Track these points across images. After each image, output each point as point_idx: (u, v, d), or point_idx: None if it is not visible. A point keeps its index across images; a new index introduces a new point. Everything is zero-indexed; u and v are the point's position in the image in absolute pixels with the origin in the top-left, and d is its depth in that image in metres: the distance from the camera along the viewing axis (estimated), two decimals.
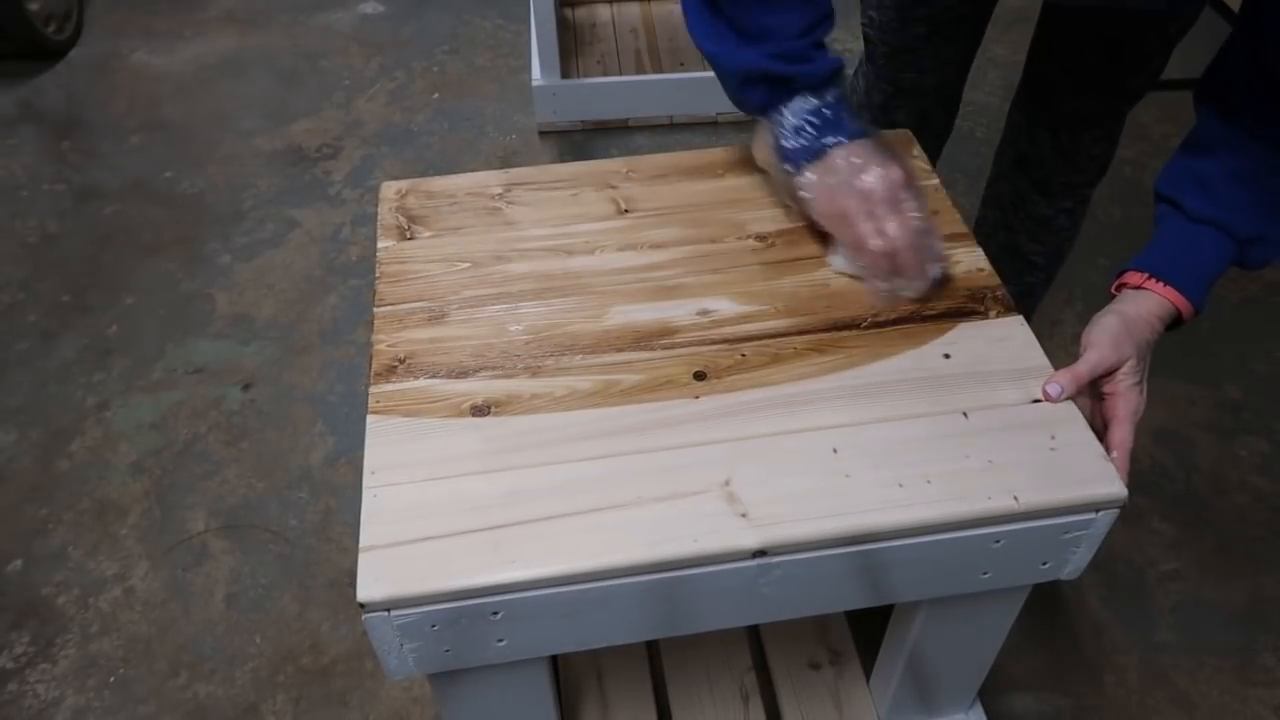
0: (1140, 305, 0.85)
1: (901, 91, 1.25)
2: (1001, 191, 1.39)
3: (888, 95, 1.27)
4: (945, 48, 1.21)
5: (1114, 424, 0.81)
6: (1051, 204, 1.33)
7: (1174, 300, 0.85)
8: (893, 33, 1.20)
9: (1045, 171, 1.31)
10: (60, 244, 2.02)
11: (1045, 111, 1.27)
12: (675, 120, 2.30)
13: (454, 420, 0.81)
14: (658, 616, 0.77)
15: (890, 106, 1.27)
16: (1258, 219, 0.84)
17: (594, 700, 1.13)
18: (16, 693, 1.32)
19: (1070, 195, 1.32)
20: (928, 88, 1.24)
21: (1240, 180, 0.84)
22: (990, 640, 1.00)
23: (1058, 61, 1.22)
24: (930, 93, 1.25)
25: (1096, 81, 1.19)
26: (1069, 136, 1.26)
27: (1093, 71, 1.18)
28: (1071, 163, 1.28)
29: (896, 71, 1.24)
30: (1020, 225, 1.37)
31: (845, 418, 0.81)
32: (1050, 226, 1.36)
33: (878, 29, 1.22)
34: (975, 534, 0.76)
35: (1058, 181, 1.31)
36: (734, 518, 0.73)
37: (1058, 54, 1.21)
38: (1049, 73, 1.24)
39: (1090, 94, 1.21)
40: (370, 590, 0.70)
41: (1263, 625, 1.37)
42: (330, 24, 2.67)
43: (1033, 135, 1.30)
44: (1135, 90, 1.19)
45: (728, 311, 0.90)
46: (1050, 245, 1.39)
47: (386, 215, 1.01)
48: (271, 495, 1.55)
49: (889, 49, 1.23)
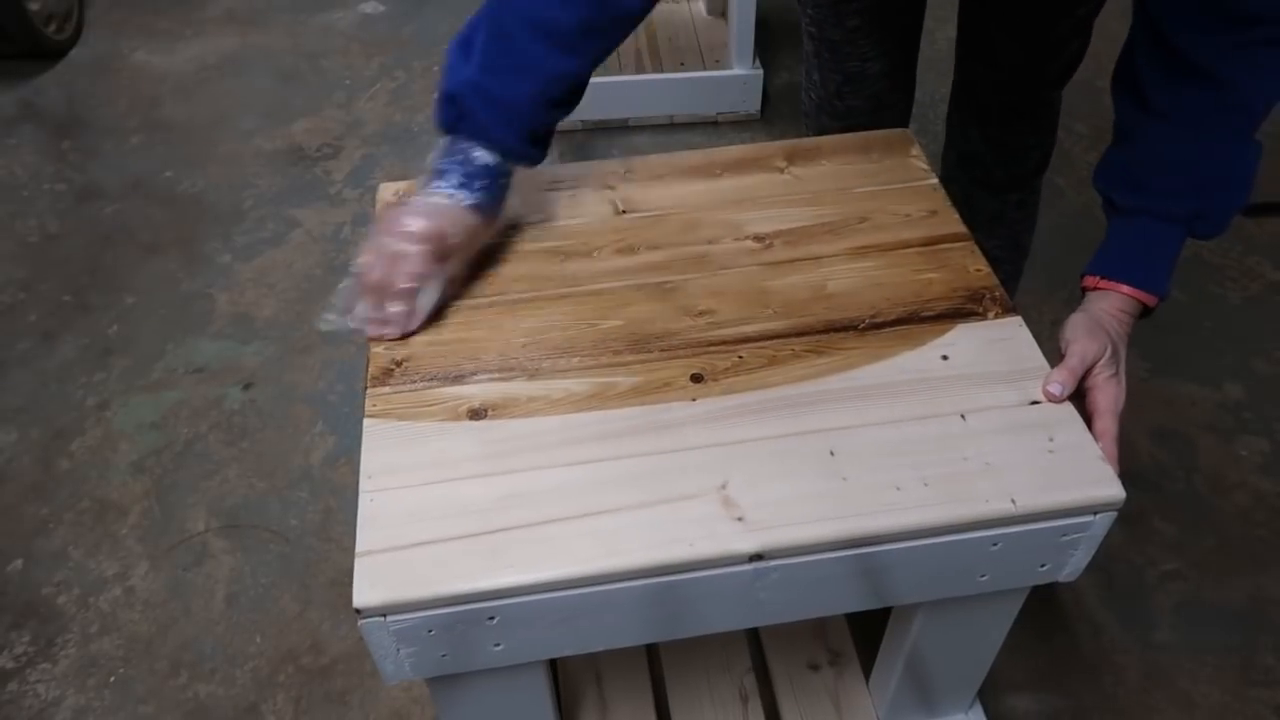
0: (1104, 303, 0.87)
1: (850, 79, 1.27)
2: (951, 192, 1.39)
3: (839, 84, 1.28)
4: (884, 35, 1.22)
5: (1096, 417, 0.82)
6: (998, 198, 1.34)
7: (1133, 295, 0.87)
8: (830, 27, 1.21)
9: (985, 166, 1.32)
10: (60, 244, 2.02)
11: (974, 107, 1.29)
12: (675, 120, 2.30)
13: (451, 424, 0.81)
14: (655, 621, 0.77)
15: (843, 93, 1.28)
16: (1190, 198, 0.86)
17: (593, 702, 1.13)
18: (17, 692, 1.32)
19: (1015, 188, 1.33)
20: (875, 73, 1.25)
21: (1164, 164, 0.85)
22: (989, 641, 1.00)
23: (977, 57, 1.24)
24: (879, 78, 1.26)
25: (1015, 73, 1.20)
26: (1000, 129, 1.28)
27: (1010, 63, 1.20)
28: (1009, 155, 1.30)
29: (841, 62, 1.25)
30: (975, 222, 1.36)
31: (843, 420, 0.81)
32: (1002, 219, 1.37)
33: (816, 25, 1.24)
34: (973, 537, 0.76)
35: (999, 175, 1.32)
36: (731, 521, 0.73)
37: (976, 49, 1.23)
38: (972, 69, 1.26)
39: (1012, 86, 1.22)
40: (366, 596, 0.70)
41: (1263, 625, 1.36)
42: (331, 24, 2.67)
43: (967, 133, 1.32)
44: (1055, 77, 1.20)
45: (725, 313, 0.90)
46: (1006, 238, 1.39)
47: None
48: (272, 495, 1.55)
49: (830, 42, 1.24)
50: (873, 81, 1.26)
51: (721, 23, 2.42)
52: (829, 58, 1.26)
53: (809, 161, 1.07)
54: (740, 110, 2.29)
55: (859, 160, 1.07)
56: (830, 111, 1.33)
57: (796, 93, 2.38)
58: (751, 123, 2.30)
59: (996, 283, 0.93)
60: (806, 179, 1.05)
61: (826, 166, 1.06)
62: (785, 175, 1.05)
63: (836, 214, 1.00)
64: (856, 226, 0.99)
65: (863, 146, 1.09)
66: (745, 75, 2.24)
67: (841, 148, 1.09)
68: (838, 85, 1.28)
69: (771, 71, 2.39)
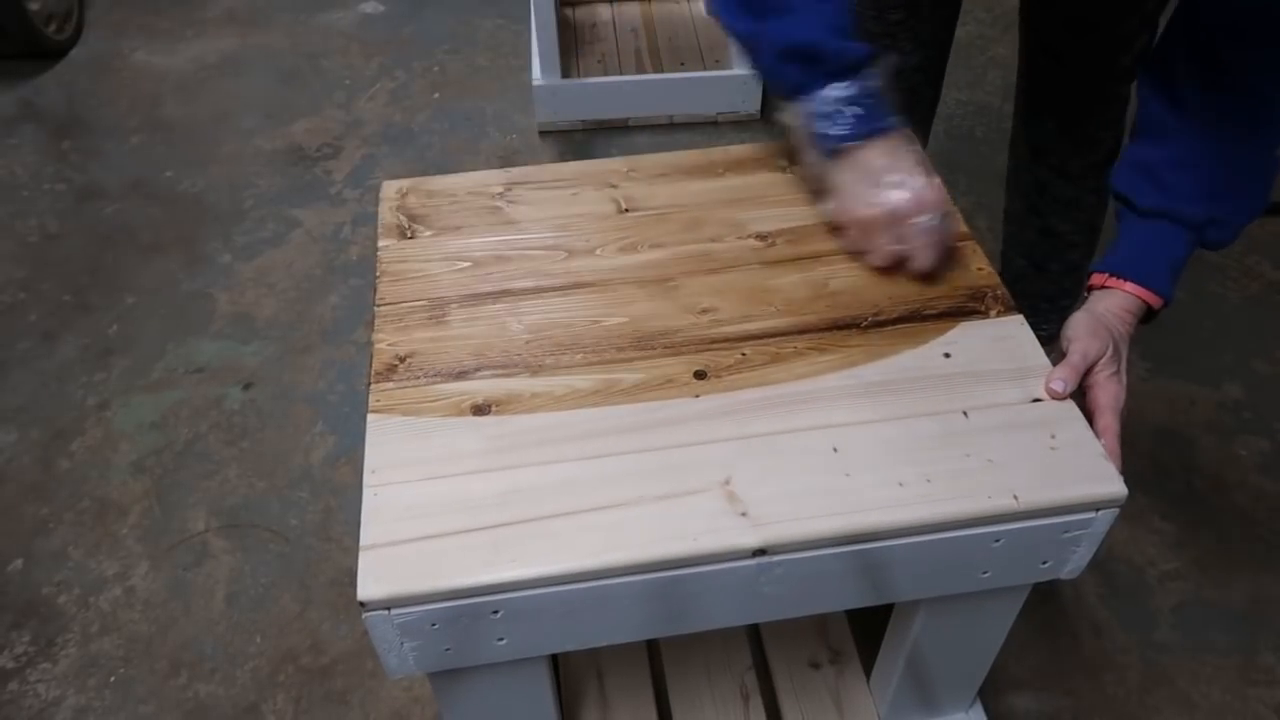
0: (1108, 302, 0.88)
1: None
2: (1024, 181, 1.41)
3: None
4: (923, 28, 1.22)
5: (1098, 414, 0.83)
6: (1075, 185, 1.35)
7: (1139, 295, 0.87)
8: (870, 20, 1.21)
9: (1061, 157, 1.32)
10: (61, 244, 2.02)
11: (1045, 101, 1.29)
12: (675, 120, 2.30)
13: (454, 419, 0.81)
14: (658, 615, 0.77)
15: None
16: (1207, 203, 0.86)
17: (594, 699, 1.13)
18: (17, 692, 1.32)
19: (1092, 175, 1.33)
20: (911, 67, 1.26)
21: (1185, 166, 0.85)
22: (990, 639, 1.00)
23: (1046, 51, 1.24)
24: (914, 71, 1.27)
25: (1086, 67, 1.21)
26: (1074, 122, 1.28)
27: (1080, 57, 1.20)
28: (1084, 145, 1.30)
29: None
30: (1049, 209, 1.39)
31: (845, 417, 0.81)
32: (1080, 204, 1.37)
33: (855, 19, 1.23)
34: (975, 533, 0.76)
35: (1074, 165, 1.32)
36: (734, 517, 0.73)
37: (1044, 43, 1.23)
38: (1041, 63, 1.26)
39: (1083, 80, 1.22)
40: (370, 589, 0.70)
41: (1263, 625, 1.37)
42: (331, 24, 2.67)
43: (1040, 125, 1.32)
44: (1125, 70, 1.20)
45: (728, 311, 0.90)
46: (1082, 223, 1.40)
47: (387, 214, 1.02)
48: (272, 495, 1.55)
49: (869, 36, 1.22)
50: (909, 75, 1.26)
51: None
52: None
53: None
54: (740, 110, 2.30)
55: None
56: None
57: None
58: (751, 123, 2.31)
59: (999, 281, 0.93)
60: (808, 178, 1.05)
61: None
62: (787, 174, 1.05)
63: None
64: None
65: None
66: (745, 75, 2.25)
67: None
68: None
69: None
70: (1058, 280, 1.47)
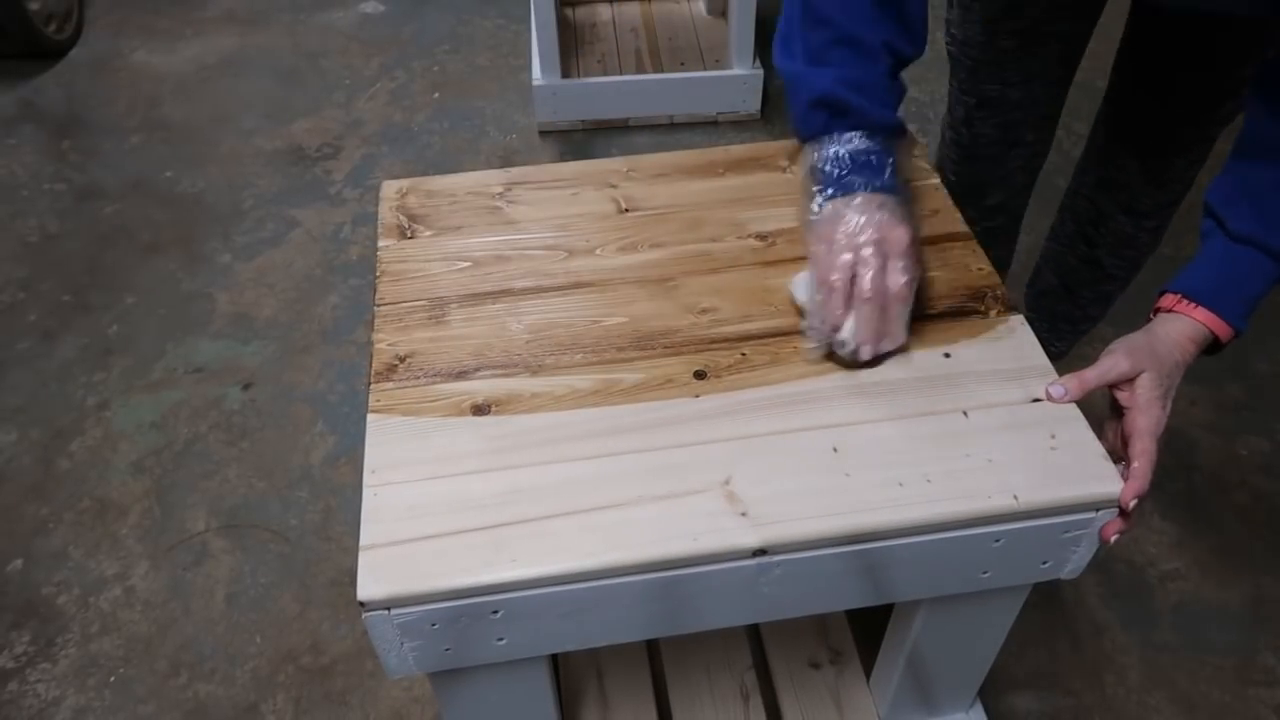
0: (1171, 327, 0.82)
1: (985, 103, 1.22)
2: (1081, 207, 1.35)
3: (969, 108, 1.24)
4: (1033, 62, 1.17)
5: (1134, 437, 0.79)
6: (1137, 223, 1.30)
7: (1208, 323, 0.81)
8: (977, 46, 1.18)
9: (1131, 194, 1.26)
10: (60, 244, 2.02)
11: (1132, 136, 1.22)
12: (675, 120, 2.30)
13: (454, 419, 0.81)
14: (658, 615, 0.77)
15: (972, 119, 1.24)
16: None
17: (594, 699, 1.13)
18: (17, 692, 1.32)
19: (1157, 214, 1.28)
20: (1013, 101, 1.21)
21: None
22: (990, 639, 1.00)
23: (1147, 89, 1.16)
24: (1015, 107, 1.22)
25: (1189, 108, 1.13)
26: (1158, 162, 1.21)
27: (1185, 97, 1.12)
28: (1160, 186, 1.24)
29: (980, 84, 1.21)
30: (1102, 240, 1.34)
31: (845, 417, 0.81)
32: (1134, 243, 1.33)
33: (960, 44, 1.20)
34: (975, 533, 0.76)
35: (1145, 203, 1.27)
36: (734, 516, 0.73)
37: (1146, 81, 1.16)
38: (1138, 100, 1.19)
39: (1181, 121, 1.15)
40: (370, 589, 0.70)
41: (1263, 625, 1.37)
42: (331, 23, 2.67)
43: (1119, 161, 1.25)
44: (1228, 114, 1.13)
45: (728, 311, 0.90)
46: (1130, 259, 1.36)
47: (387, 214, 1.02)
48: (272, 495, 1.55)
49: (973, 62, 1.20)
50: (1008, 110, 1.21)
51: (721, 23, 2.42)
52: (966, 78, 1.22)
53: None
54: (740, 110, 2.30)
55: None
56: (954, 140, 1.29)
57: None
58: (751, 123, 2.31)
59: (998, 281, 0.93)
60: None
61: None
62: (787, 174, 1.05)
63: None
64: None
65: None
66: (745, 75, 2.25)
67: None
68: (968, 110, 1.24)
69: (771, 71, 2.39)
70: (1085, 306, 1.43)
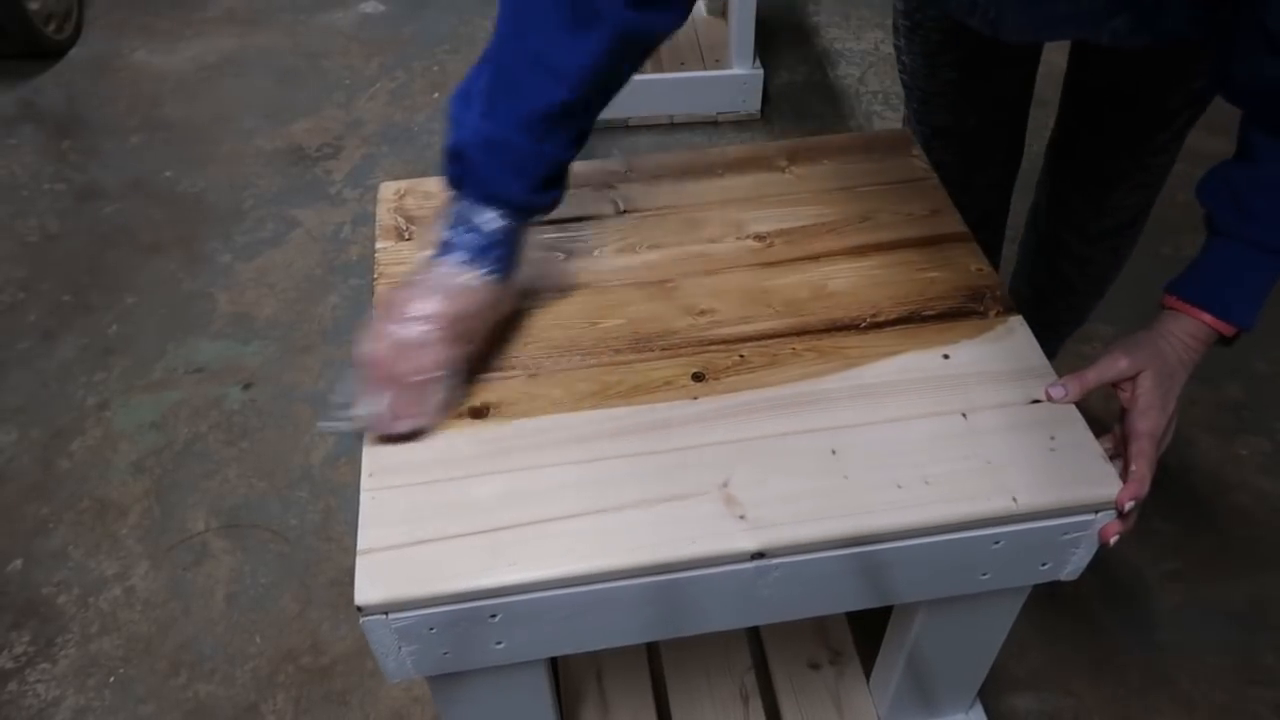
0: (1173, 325, 0.82)
1: (940, 133, 1.23)
2: (1040, 223, 1.35)
3: (926, 136, 1.24)
4: (979, 93, 1.17)
5: (1133, 438, 0.79)
6: (1090, 246, 1.29)
7: (1207, 321, 0.81)
8: (923, 77, 1.18)
9: (1081, 219, 1.26)
10: (60, 244, 2.02)
11: (1074, 165, 1.23)
12: (675, 120, 2.30)
13: (452, 422, 0.81)
14: (656, 618, 0.77)
15: (931, 147, 1.23)
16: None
17: (594, 701, 1.13)
18: (16, 692, 1.32)
19: (1109, 238, 1.27)
20: (969, 129, 1.21)
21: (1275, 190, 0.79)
22: (990, 640, 1.00)
23: (1083, 119, 1.17)
24: (972, 134, 1.22)
25: (1122, 139, 1.14)
26: (1098, 189, 1.21)
27: (1118, 130, 1.13)
28: (1103, 212, 1.24)
29: (931, 114, 1.22)
30: (1062, 257, 1.34)
31: (844, 419, 0.81)
32: (1092, 261, 1.32)
33: (909, 73, 1.21)
34: (974, 535, 0.76)
35: (1093, 228, 1.26)
36: (733, 519, 0.73)
37: (1083, 111, 1.17)
38: (1075, 129, 1.20)
39: (1117, 151, 1.16)
40: (368, 593, 0.70)
41: (1263, 625, 1.36)
42: (331, 23, 2.67)
43: (1065, 186, 1.26)
44: (1163, 144, 1.12)
45: (726, 312, 0.90)
46: (1093, 275, 1.35)
47: (385, 216, 1.01)
48: (272, 495, 1.55)
49: (922, 93, 1.20)
50: (964, 138, 1.21)
51: (721, 23, 2.42)
52: (919, 108, 1.22)
53: (810, 161, 1.07)
54: (740, 110, 2.29)
55: (860, 160, 1.07)
56: None
57: (796, 93, 2.40)
58: (751, 123, 2.31)
59: (998, 281, 0.93)
60: (808, 178, 1.05)
61: (828, 166, 1.06)
62: (786, 174, 1.05)
63: (837, 213, 1.00)
64: (858, 226, 0.99)
65: (864, 146, 1.09)
66: (745, 75, 2.24)
67: (843, 147, 1.09)
68: (925, 139, 1.24)
69: (771, 71, 2.39)
70: (1060, 313, 1.42)
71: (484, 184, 0.79)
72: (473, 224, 0.79)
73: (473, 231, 0.78)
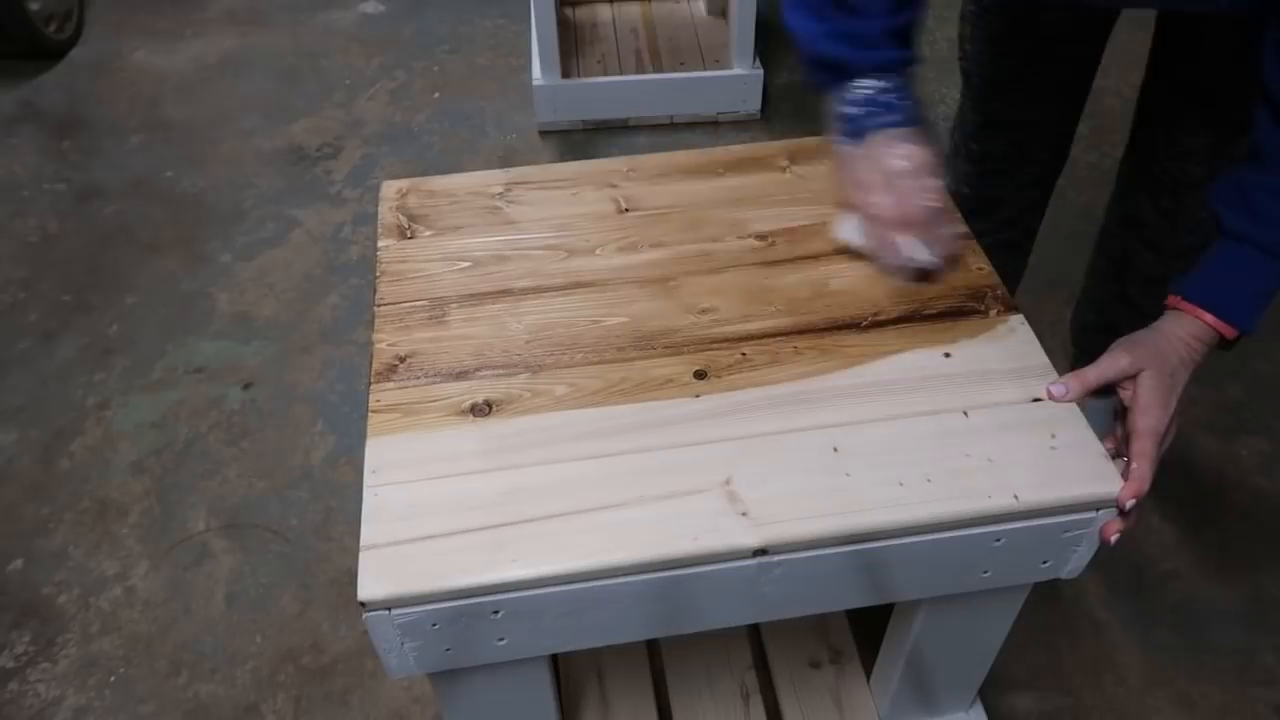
0: (1175, 325, 0.83)
1: (993, 121, 1.23)
2: (1110, 245, 1.35)
3: (978, 125, 1.25)
4: (1040, 83, 1.18)
5: (1134, 437, 0.79)
6: (1164, 262, 1.26)
7: (1208, 322, 0.82)
8: (985, 64, 1.19)
9: (1153, 231, 1.24)
10: (61, 243, 2.02)
11: (1148, 177, 1.21)
12: (675, 120, 2.30)
13: (455, 419, 0.81)
14: (658, 615, 0.77)
15: (982, 136, 1.25)
16: None
17: (594, 699, 1.13)
18: (17, 692, 1.32)
19: (1185, 256, 1.23)
20: (1021, 120, 1.21)
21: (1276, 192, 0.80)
22: (991, 639, 1.00)
23: (1159, 126, 1.16)
24: (1024, 126, 1.22)
25: (1201, 149, 1.12)
26: (1171, 200, 1.20)
27: (1197, 139, 1.12)
28: (1175, 225, 1.21)
29: (988, 101, 1.22)
30: (1131, 279, 1.32)
31: (846, 417, 0.81)
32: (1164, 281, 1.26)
33: (970, 60, 1.21)
34: (975, 532, 0.76)
35: (1168, 243, 1.24)
36: (735, 516, 0.73)
37: (1160, 119, 1.15)
38: (1151, 138, 1.18)
39: (1194, 161, 1.14)
40: (371, 589, 0.70)
41: (1263, 625, 1.37)
42: (331, 23, 2.67)
43: (1136, 197, 1.25)
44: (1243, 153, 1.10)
45: (728, 311, 0.90)
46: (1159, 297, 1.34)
47: (387, 214, 1.02)
48: (272, 494, 1.55)
49: (981, 80, 1.21)
50: (1017, 129, 1.22)
51: (721, 23, 2.42)
52: (976, 96, 1.23)
53: (811, 160, 1.07)
54: (740, 110, 2.30)
55: None
56: (965, 155, 1.29)
57: (796, 93, 2.40)
58: (751, 123, 2.31)
59: (998, 281, 0.93)
60: (809, 178, 1.05)
61: (828, 166, 1.06)
62: (787, 174, 1.06)
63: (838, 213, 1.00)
64: None
65: None
66: (745, 75, 2.25)
67: None
68: (976, 128, 1.24)
69: (771, 71, 2.39)
70: None
71: (867, 62, 0.87)
72: (870, 100, 0.88)
73: (874, 105, 0.88)
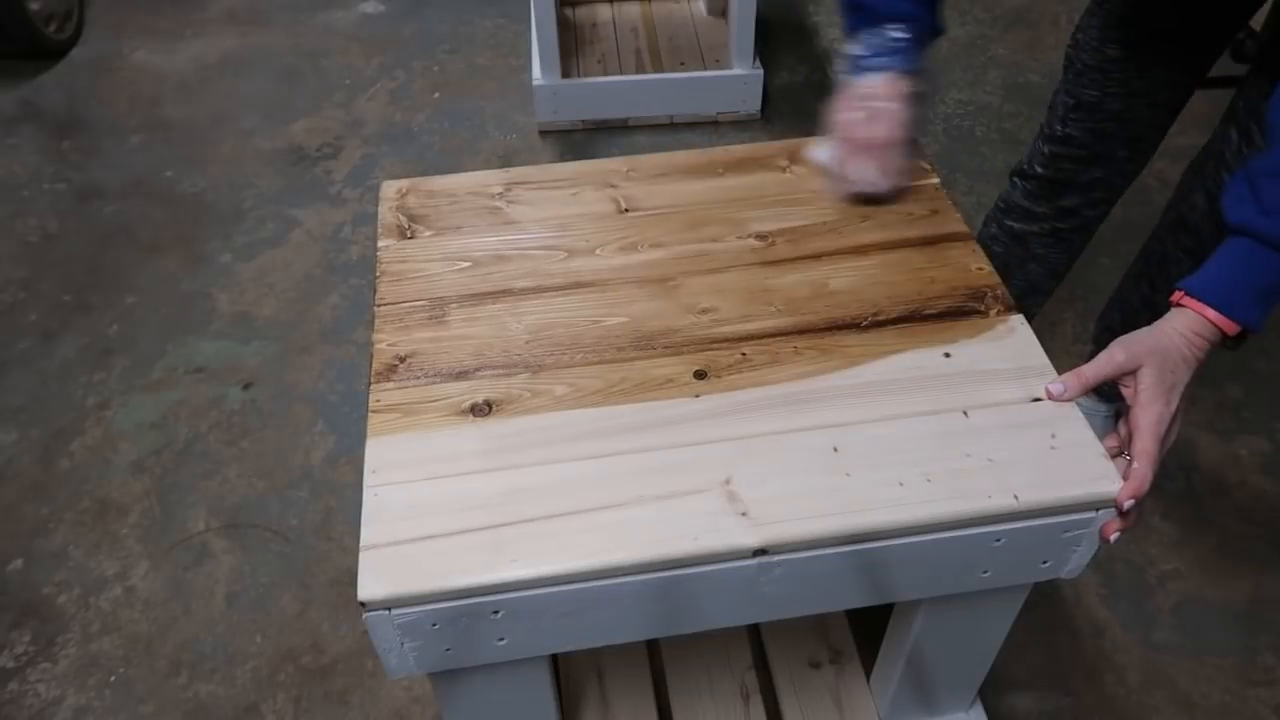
0: (1176, 321, 0.82)
1: (1081, 106, 1.23)
2: (1153, 248, 1.34)
3: (1067, 108, 1.24)
4: (1135, 79, 1.17)
5: (1135, 435, 0.79)
6: None
7: (1210, 317, 0.80)
8: (1088, 51, 1.19)
9: (1200, 239, 1.22)
10: (61, 243, 2.02)
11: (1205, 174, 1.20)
12: (675, 120, 2.30)
13: (455, 419, 0.81)
14: (658, 615, 0.77)
15: (1067, 119, 1.24)
16: None
17: (594, 699, 1.13)
18: (17, 692, 1.32)
19: None
20: (1109, 111, 1.21)
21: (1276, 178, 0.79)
22: (990, 639, 1.00)
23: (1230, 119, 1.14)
24: (1110, 118, 1.22)
25: None
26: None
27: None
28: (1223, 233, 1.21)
29: (1081, 86, 1.22)
30: (1162, 285, 1.31)
31: (846, 416, 0.81)
32: None
33: (1076, 47, 1.21)
34: (975, 532, 0.76)
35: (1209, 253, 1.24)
36: (734, 516, 0.74)
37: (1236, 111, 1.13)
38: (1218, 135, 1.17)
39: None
40: (371, 589, 0.70)
41: (1263, 625, 1.37)
42: (331, 23, 2.67)
43: (1192, 198, 1.23)
44: None
45: (728, 311, 0.90)
46: None
47: (387, 214, 1.02)
48: (272, 494, 1.55)
49: (1081, 65, 1.21)
50: (1102, 118, 1.21)
51: (721, 23, 2.42)
52: (1072, 79, 1.23)
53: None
54: (740, 110, 2.30)
55: None
56: (1047, 135, 1.29)
57: (796, 93, 2.40)
58: (751, 123, 2.31)
59: (998, 281, 0.93)
60: (808, 178, 1.05)
61: None
62: (787, 174, 1.06)
63: (838, 213, 1.01)
64: (858, 225, 0.99)
65: None
66: (745, 75, 2.25)
67: None
68: (1065, 110, 1.24)
69: (771, 71, 2.39)
70: None
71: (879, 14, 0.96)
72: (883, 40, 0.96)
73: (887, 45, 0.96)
